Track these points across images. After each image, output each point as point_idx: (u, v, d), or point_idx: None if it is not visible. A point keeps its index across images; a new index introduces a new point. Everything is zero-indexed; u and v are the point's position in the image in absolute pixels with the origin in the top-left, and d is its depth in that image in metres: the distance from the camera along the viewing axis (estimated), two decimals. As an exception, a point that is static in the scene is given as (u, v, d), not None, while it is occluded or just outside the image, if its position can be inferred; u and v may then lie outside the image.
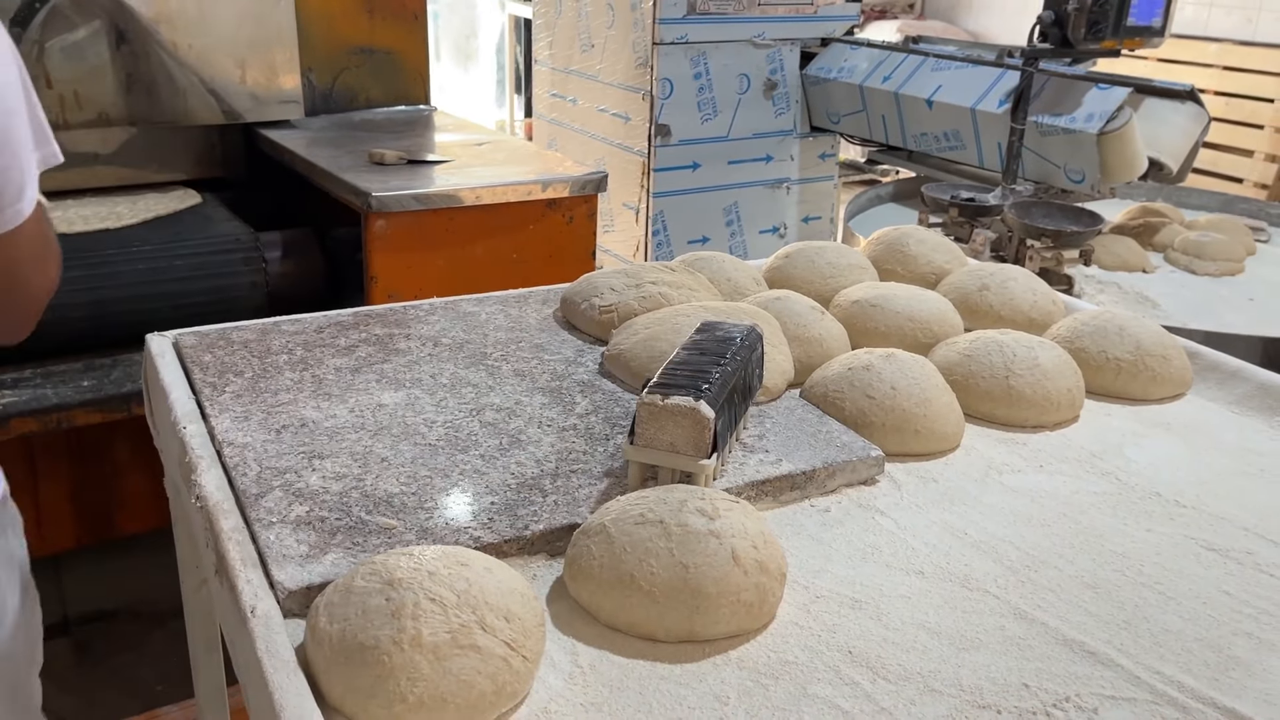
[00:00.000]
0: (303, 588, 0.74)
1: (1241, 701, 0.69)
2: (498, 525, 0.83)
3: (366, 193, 1.81)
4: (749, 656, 0.73)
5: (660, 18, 2.83)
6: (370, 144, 2.17)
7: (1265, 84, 4.70)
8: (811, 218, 3.29)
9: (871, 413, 1.01)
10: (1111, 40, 2.16)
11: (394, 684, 0.63)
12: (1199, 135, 2.36)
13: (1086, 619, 0.78)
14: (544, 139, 3.54)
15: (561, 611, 0.77)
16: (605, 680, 0.70)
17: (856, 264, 1.38)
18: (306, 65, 2.38)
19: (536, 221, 1.98)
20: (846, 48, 3.04)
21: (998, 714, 0.68)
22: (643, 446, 0.86)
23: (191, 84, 2.17)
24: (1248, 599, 0.81)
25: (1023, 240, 2.04)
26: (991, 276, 1.32)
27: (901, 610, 0.78)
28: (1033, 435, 1.07)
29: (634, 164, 3.03)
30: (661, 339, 1.08)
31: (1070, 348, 1.17)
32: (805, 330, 1.16)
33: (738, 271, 1.32)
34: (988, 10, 6.38)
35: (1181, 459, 1.03)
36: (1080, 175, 2.33)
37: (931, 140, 2.73)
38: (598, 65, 3.13)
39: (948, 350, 1.14)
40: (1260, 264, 2.27)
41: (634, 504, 0.78)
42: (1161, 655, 0.74)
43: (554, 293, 1.37)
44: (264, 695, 0.64)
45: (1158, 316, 1.89)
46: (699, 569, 0.73)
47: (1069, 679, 0.71)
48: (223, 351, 1.13)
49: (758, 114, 3.08)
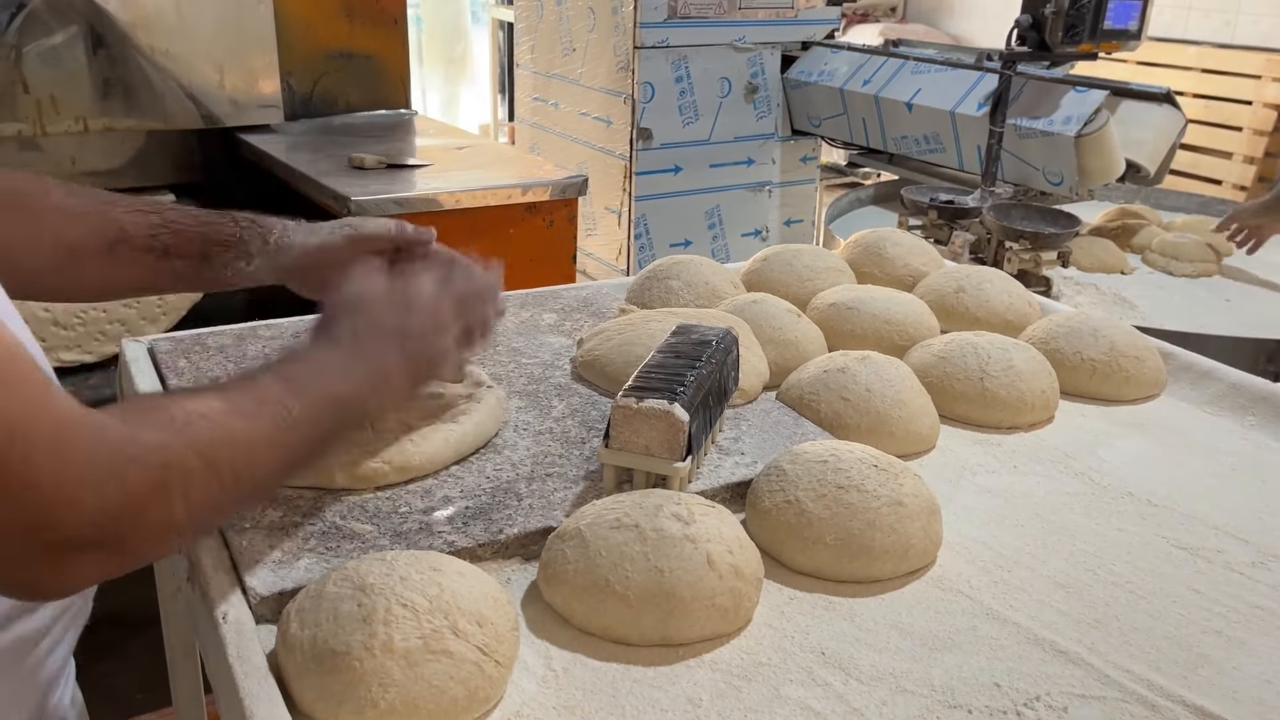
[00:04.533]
0: (275, 593, 0.74)
1: (1210, 699, 0.70)
2: (472, 529, 0.83)
3: (346, 197, 1.81)
4: (722, 658, 0.73)
5: (641, 21, 2.84)
6: (350, 148, 2.17)
7: (1244, 86, 4.75)
8: (793, 221, 3.31)
9: (847, 415, 1.01)
10: (1088, 43, 2.18)
11: (365, 690, 0.63)
12: (1175, 137, 2.38)
13: (1058, 618, 0.78)
14: (526, 143, 3.54)
15: (535, 615, 0.77)
16: (578, 683, 0.70)
17: (834, 267, 1.38)
18: (286, 70, 2.37)
19: (517, 225, 1.98)
20: (827, 51, 3.05)
21: (969, 713, 0.68)
22: (617, 450, 0.87)
23: (170, 89, 2.17)
24: (1217, 597, 0.82)
25: (1001, 242, 2.06)
26: (968, 279, 1.33)
27: (874, 611, 0.79)
28: (1007, 436, 1.08)
29: (616, 167, 3.03)
30: (636, 343, 1.08)
31: (1045, 349, 1.17)
32: (781, 333, 1.16)
33: (715, 275, 1.32)
34: (969, 14, 6.42)
35: (1154, 459, 1.04)
36: (1059, 177, 2.34)
37: (912, 143, 2.75)
38: (579, 69, 3.14)
39: (923, 352, 1.15)
40: (1236, 265, 2.29)
41: (609, 508, 0.78)
42: (1131, 654, 0.75)
43: (532, 296, 1.37)
44: (235, 701, 0.64)
45: (1135, 318, 1.90)
46: (674, 573, 0.73)
47: (1040, 678, 0.72)
48: (198, 357, 1.12)
49: (739, 117, 3.09)
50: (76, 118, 2.08)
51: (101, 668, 1.02)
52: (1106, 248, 2.23)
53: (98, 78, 2.08)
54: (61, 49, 2.04)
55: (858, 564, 0.81)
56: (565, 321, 1.29)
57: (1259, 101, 4.69)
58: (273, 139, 2.27)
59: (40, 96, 2.02)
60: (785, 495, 0.84)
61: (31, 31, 2.00)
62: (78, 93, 2.07)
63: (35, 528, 0.55)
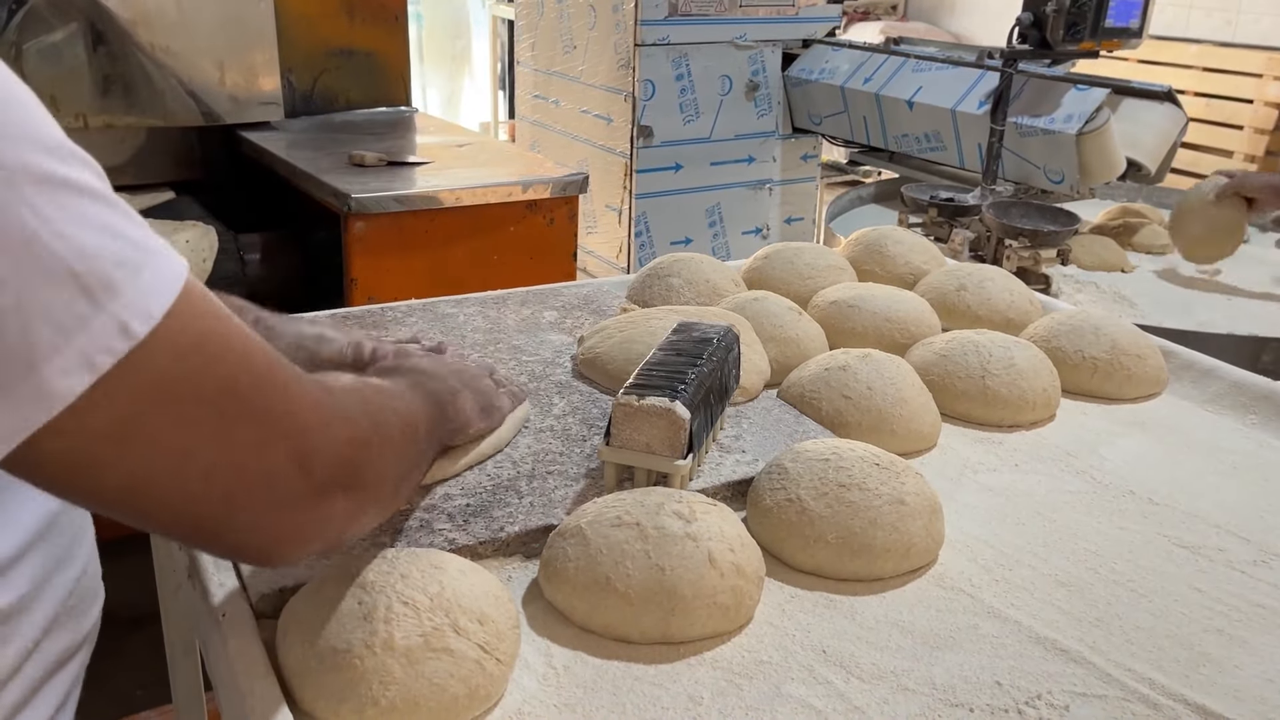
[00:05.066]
0: (275, 590, 0.74)
1: (1211, 698, 0.70)
2: (473, 527, 0.83)
3: (346, 194, 1.81)
4: (723, 656, 0.73)
5: (642, 19, 2.83)
6: (350, 146, 2.17)
7: (1245, 85, 4.74)
8: (794, 219, 3.30)
9: (848, 413, 1.01)
10: (1090, 41, 2.18)
11: (366, 688, 0.63)
12: (1177, 136, 2.37)
13: (1059, 617, 0.78)
14: (526, 141, 3.54)
15: (536, 613, 0.77)
16: (579, 681, 0.70)
17: (835, 265, 1.38)
18: (286, 67, 2.37)
19: (517, 223, 1.98)
20: (828, 49, 3.04)
21: (970, 712, 0.68)
22: (618, 448, 0.87)
23: (170, 86, 2.17)
24: (1219, 596, 0.82)
25: (1001, 240, 2.05)
26: (969, 277, 1.33)
27: (875, 609, 0.79)
28: (1008, 435, 1.08)
29: (616, 165, 3.03)
30: (637, 341, 1.08)
31: (1046, 347, 1.17)
32: (782, 331, 1.16)
33: (716, 273, 1.32)
34: (969, 11, 6.41)
35: (1155, 458, 1.04)
36: (1060, 176, 2.34)
37: (912, 141, 2.74)
38: (580, 67, 3.13)
39: (924, 350, 1.15)
40: (1237, 264, 2.29)
41: (610, 506, 0.78)
42: (1133, 652, 0.74)
43: (533, 294, 1.37)
44: (236, 699, 0.64)
45: (1134, 316, 1.90)
46: (675, 572, 0.73)
47: (1041, 677, 0.72)
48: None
49: (740, 115, 3.09)
50: (77, 114, 2.08)
51: (100, 664, 1.02)
52: (1107, 246, 2.23)
53: (98, 75, 2.08)
54: (62, 46, 2.03)
55: (859, 563, 0.81)
56: (566, 319, 1.29)
57: (1260, 100, 4.68)
58: (273, 136, 2.27)
59: (40, 93, 2.01)
60: (787, 493, 0.84)
61: (32, 28, 2.00)
62: (78, 89, 2.07)
63: (304, 461, 0.54)
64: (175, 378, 0.48)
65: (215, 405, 0.50)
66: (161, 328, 0.46)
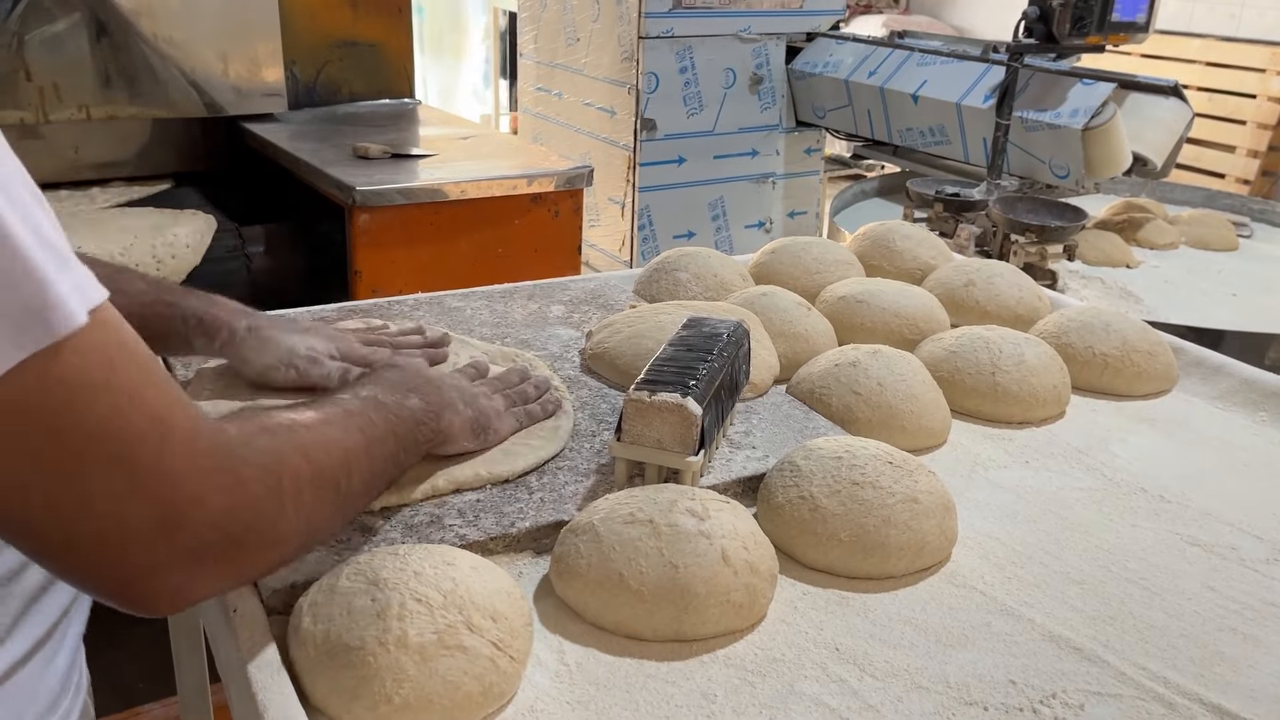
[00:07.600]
0: (286, 586, 0.73)
1: (1226, 697, 0.70)
2: (483, 522, 0.83)
3: (350, 187, 1.80)
4: (736, 654, 0.72)
5: (646, 11, 2.82)
6: (354, 138, 2.16)
7: (1248, 80, 4.73)
8: (797, 212, 3.29)
9: (858, 409, 1.01)
10: (1096, 36, 2.17)
11: (379, 685, 0.63)
12: (1182, 131, 2.36)
13: (1072, 615, 0.78)
14: (529, 133, 3.53)
15: (548, 610, 0.76)
16: (592, 678, 0.70)
17: (842, 259, 1.38)
18: (290, 58, 2.35)
19: (522, 216, 1.97)
20: (832, 42, 3.03)
21: (984, 710, 0.68)
22: (629, 443, 0.86)
23: (173, 77, 2.15)
24: (1233, 595, 0.81)
25: (1007, 235, 2.05)
26: (977, 272, 1.32)
27: (888, 607, 0.78)
28: (1019, 431, 1.07)
29: (619, 158, 3.02)
30: (646, 336, 1.07)
31: (1056, 344, 1.17)
32: (791, 326, 1.15)
33: (724, 267, 1.31)
34: (973, 5, 6.40)
35: (1166, 455, 1.04)
36: (1065, 170, 2.33)
37: (917, 135, 2.73)
38: (583, 59, 3.12)
39: (934, 346, 1.14)
40: (1242, 259, 2.28)
41: (623, 503, 0.78)
42: (1147, 651, 0.74)
43: (540, 288, 1.37)
44: (247, 696, 0.64)
45: (1140, 312, 1.89)
46: (688, 569, 0.73)
47: (1055, 675, 0.71)
48: (205, 348, 1.11)
49: (743, 108, 3.08)
50: (79, 106, 2.07)
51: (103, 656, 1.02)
52: (1112, 241, 2.22)
53: (100, 65, 2.07)
54: (64, 36, 2.02)
55: (872, 561, 0.80)
56: (574, 314, 1.29)
57: (1263, 95, 4.67)
58: (276, 128, 2.26)
59: (43, 84, 2.01)
60: (799, 491, 0.83)
61: (34, 18, 1.98)
62: (80, 80, 2.06)
63: (167, 525, 0.53)
64: (30, 408, 0.49)
65: (72, 446, 0.50)
66: (33, 360, 0.48)
